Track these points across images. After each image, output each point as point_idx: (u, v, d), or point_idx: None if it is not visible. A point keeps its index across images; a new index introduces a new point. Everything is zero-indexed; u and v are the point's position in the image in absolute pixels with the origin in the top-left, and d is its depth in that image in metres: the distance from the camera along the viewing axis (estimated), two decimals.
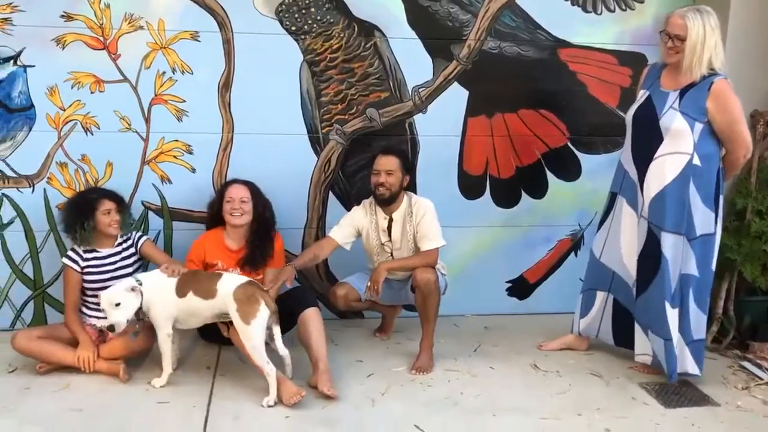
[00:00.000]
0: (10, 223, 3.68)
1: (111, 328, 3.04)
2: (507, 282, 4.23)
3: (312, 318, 3.25)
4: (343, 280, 3.61)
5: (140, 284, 3.11)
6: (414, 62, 3.88)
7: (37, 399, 3.02)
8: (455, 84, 3.94)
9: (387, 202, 3.48)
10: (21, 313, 3.76)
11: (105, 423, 2.83)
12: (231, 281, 3.11)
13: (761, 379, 3.37)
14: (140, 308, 3.12)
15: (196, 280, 3.16)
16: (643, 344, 3.32)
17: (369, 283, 3.38)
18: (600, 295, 3.51)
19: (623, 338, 3.45)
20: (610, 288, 3.46)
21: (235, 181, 3.54)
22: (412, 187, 3.83)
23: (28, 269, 3.74)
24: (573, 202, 4.15)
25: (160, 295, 3.13)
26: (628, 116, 3.28)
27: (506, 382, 3.31)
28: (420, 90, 3.92)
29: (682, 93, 3.09)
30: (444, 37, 3.88)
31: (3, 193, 3.65)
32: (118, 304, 3.03)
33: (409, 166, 3.59)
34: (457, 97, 3.95)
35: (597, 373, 3.41)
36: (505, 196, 4.12)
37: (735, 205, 3.73)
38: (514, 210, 4.14)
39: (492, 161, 4.08)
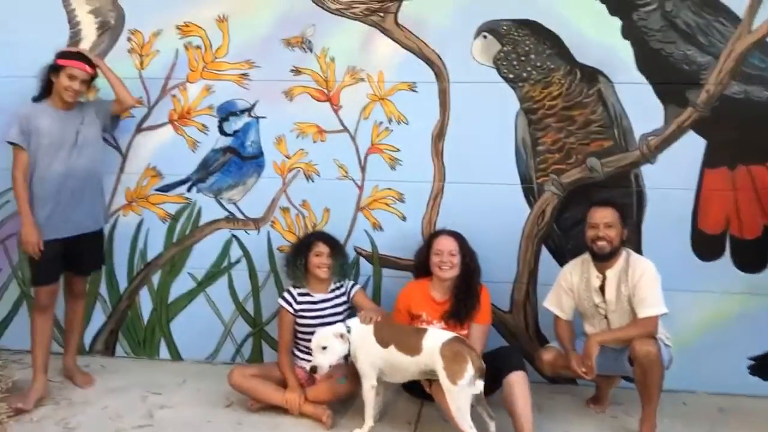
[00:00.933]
0: (237, 262, 3.94)
1: (314, 369, 3.08)
2: (750, 359, 3.65)
3: (518, 382, 3.03)
4: (552, 344, 3.34)
5: (349, 332, 3.13)
6: (642, 109, 3.56)
7: None
8: (690, 132, 3.54)
9: (607, 258, 3.18)
10: (241, 348, 3.98)
11: None
12: (437, 337, 3.01)
13: None
14: (347, 355, 3.13)
15: (400, 334, 3.11)
16: None
17: (581, 359, 3.09)
18: None
19: None
20: None
21: (443, 231, 3.46)
22: (636, 245, 3.49)
23: (250, 307, 3.96)
24: None
25: (365, 344, 3.13)
26: None
27: None
28: (649, 138, 3.58)
29: None
30: (679, 82, 3.52)
31: (232, 234, 3.92)
32: (324, 348, 3.07)
33: (627, 218, 3.27)
34: (692, 146, 3.55)
35: None
36: (750, 259, 3.59)
37: None
38: (762, 275, 3.58)
39: (734, 219, 3.58)
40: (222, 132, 3.86)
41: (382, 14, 3.70)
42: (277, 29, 3.76)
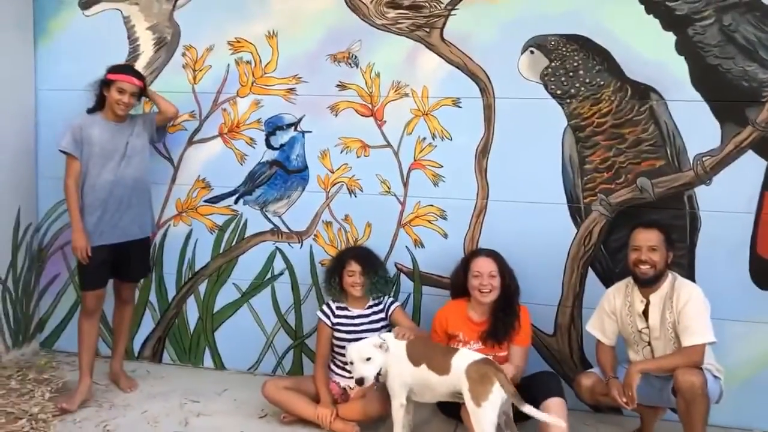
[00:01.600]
0: (280, 274, 3.97)
1: (360, 381, 3.04)
2: None
3: (556, 409, 2.91)
4: (593, 369, 3.20)
5: (386, 342, 3.10)
6: (697, 127, 3.39)
7: None
8: (749, 152, 3.35)
9: (650, 282, 3.04)
10: (282, 360, 4.01)
11: None
12: (465, 357, 2.94)
13: None
14: (379, 372, 3.09)
15: (432, 352, 3.05)
16: None
17: (621, 388, 2.95)
18: None
19: None
20: None
21: (481, 252, 3.39)
22: (689, 270, 3.33)
23: (291, 319, 3.98)
24: None
25: (397, 360, 3.08)
26: None
27: None
28: (704, 158, 3.40)
29: None
30: (737, 99, 3.34)
31: (276, 247, 3.96)
32: (368, 359, 3.04)
33: (673, 241, 3.11)
34: (751, 167, 3.36)
35: None
36: None
37: None
38: None
39: None
40: (269, 146, 3.92)
41: (427, 29, 3.68)
42: (324, 45, 3.80)
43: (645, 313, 3.06)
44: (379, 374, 3.08)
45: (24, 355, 4.17)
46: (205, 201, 4.03)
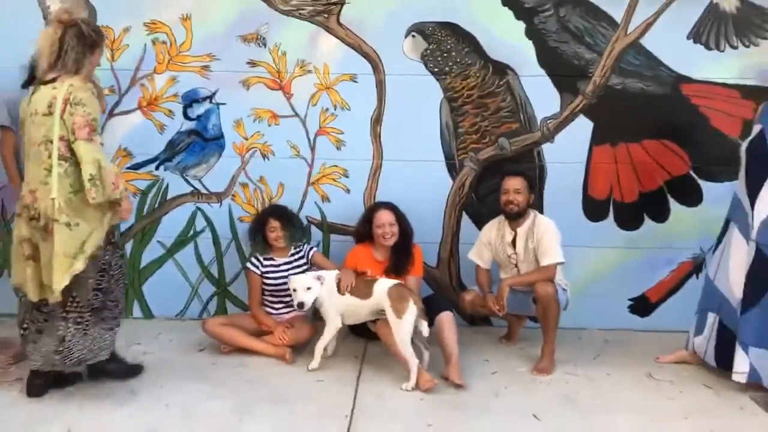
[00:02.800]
0: (202, 231, 4.50)
1: (301, 305, 3.72)
2: (629, 300, 4.52)
3: (447, 320, 3.76)
4: (473, 288, 4.10)
5: (323, 276, 3.79)
6: (543, 97, 4.34)
7: (222, 372, 3.75)
8: (581, 116, 4.35)
9: (515, 217, 3.95)
10: (207, 305, 4.57)
11: (273, 393, 3.49)
12: (385, 283, 3.71)
13: None
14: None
15: (357, 282, 3.79)
16: (742, 362, 3.48)
17: (495, 299, 3.85)
18: (711, 317, 3.72)
19: (724, 360, 3.61)
20: (718, 310, 3.67)
21: (381, 205, 4.11)
22: (539, 209, 4.27)
23: (214, 270, 4.54)
24: (695, 228, 4.38)
25: (332, 293, 3.78)
26: (742, 149, 3.55)
27: (621, 386, 3.64)
28: (548, 122, 4.36)
29: None
30: (571, 75, 4.31)
31: (197, 207, 4.48)
32: (309, 288, 3.72)
33: (533, 186, 4.03)
34: (582, 128, 4.36)
35: (708, 385, 3.65)
36: (628, 220, 4.44)
37: None
38: (637, 233, 4.45)
39: (616, 187, 4.42)
40: (186, 117, 4.40)
41: (326, 15, 4.31)
42: (235, 27, 4.31)
43: (513, 242, 3.98)
44: (314, 302, 3.77)
45: None
46: (128, 168, 4.43)
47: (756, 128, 3.52)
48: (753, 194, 3.44)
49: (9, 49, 4.04)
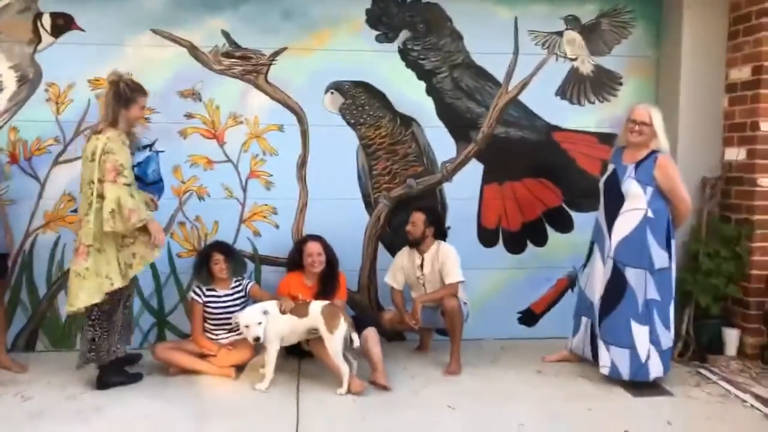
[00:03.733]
0: None
1: (257, 339, 4.19)
2: (518, 313, 5.35)
3: (371, 334, 4.38)
4: (390, 308, 4.78)
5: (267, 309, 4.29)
6: (442, 144, 5.15)
7: (175, 389, 4.20)
8: (473, 160, 5.18)
9: (414, 244, 4.68)
10: (147, 335, 4.97)
11: (223, 404, 4.00)
12: (318, 304, 4.30)
13: (709, 379, 4.43)
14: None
15: (295, 306, 4.35)
16: (605, 357, 4.31)
17: (410, 315, 4.54)
18: (584, 320, 4.58)
19: (597, 355, 4.42)
20: (589, 314, 4.51)
21: (310, 237, 4.71)
22: (443, 237, 4.99)
23: (154, 302, 4.96)
24: (568, 250, 5.26)
25: (274, 319, 4.29)
26: (600, 184, 4.46)
27: (515, 381, 4.41)
28: (447, 165, 5.17)
29: (637, 165, 4.25)
30: (464, 125, 5.15)
31: None
32: (260, 323, 4.20)
33: (432, 220, 4.73)
34: (475, 170, 5.19)
35: (586, 377, 4.49)
36: (514, 245, 5.29)
37: (691, 250, 4.86)
38: (522, 256, 5.30)
39: (503, 218, 5.27)
40: None
41: (255, 74, 4.94)
42: (173, 84, 4.85)
43: (422, 266, 4.70)
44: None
45: None
46: (71, 211, 4.80)
47: (610, 167, 4.44)
48: (610, 221, 4.33)
49: None
